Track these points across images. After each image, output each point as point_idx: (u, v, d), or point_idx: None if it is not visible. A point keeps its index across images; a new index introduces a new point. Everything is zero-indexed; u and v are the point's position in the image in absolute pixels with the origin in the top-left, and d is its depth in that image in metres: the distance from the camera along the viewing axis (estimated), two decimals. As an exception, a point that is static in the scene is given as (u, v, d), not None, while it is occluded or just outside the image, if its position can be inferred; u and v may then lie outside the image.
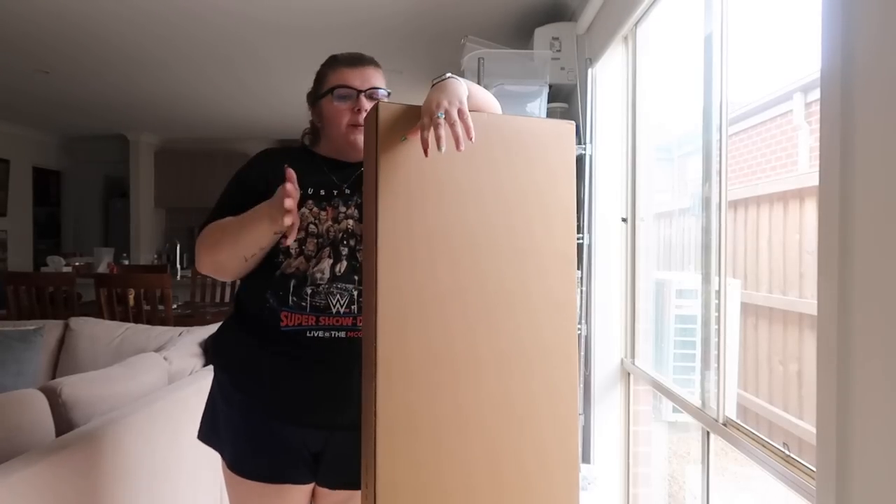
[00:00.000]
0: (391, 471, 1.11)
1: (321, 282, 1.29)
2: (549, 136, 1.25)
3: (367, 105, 1.34)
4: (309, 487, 1.36)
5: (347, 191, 1.34)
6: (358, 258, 1.31)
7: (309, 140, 1.47)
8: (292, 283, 1.29)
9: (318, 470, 1.33)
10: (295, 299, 1.28)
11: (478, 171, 1.19)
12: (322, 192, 1.33)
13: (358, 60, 1.39)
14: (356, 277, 1.30)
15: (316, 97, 1.41)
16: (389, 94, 1.39)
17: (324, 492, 1.37)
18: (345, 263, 1.30)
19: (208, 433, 1.40)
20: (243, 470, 1.32)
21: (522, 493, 1.20)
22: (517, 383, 1.20)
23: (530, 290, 1.22)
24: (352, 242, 1.32)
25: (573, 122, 1.29)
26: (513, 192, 1.21)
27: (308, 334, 1.28)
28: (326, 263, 1.30)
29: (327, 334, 1.28)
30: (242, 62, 4.22)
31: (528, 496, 1.20)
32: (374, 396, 1.12)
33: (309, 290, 1.28)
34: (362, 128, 1.29)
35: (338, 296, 1.29)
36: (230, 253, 1.27)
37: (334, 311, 1.28)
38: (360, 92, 1.35)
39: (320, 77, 1.41)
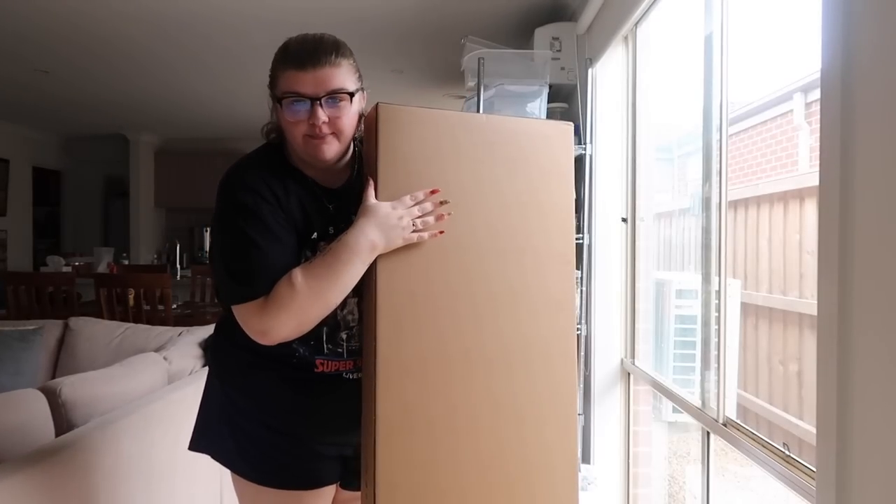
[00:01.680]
0: (390, 470, 1.11)
1: (353, 324, 1.25)
2: (546, 137, 1.25)
3: (323, 115, 1.12)
4: (335, 486, 1.34)
5: (342, 225, 1.18)
6: None
7: (275, 138, 1.25)
8: (324, 330, 1.22)
9: (345, 471, 1.32)
10: (331, 346, 1.24)
11: (477, 172, 1.19)
12: (331, 231, 1.21)
13: (309, 59, 1.11)
14: None
15: (272, 96, 1.19)
16: (362, 89, 1.21)
17: (340, 491, 1.36)
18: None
19: (223, 453, 1.29)
20: (282, 482, 1.25)
21: (522, 492, 1.20)
22: (516, 382, 1.20)
23: (529, 290, 1.22)
24: None
25: (571, 123, 1.29)
26: (511, 192, 1.21)
27: (345, 376, 1.25)
28: (352, 303, 1.25)
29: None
30: (242, 62, 4.22)
31: (527, 495, 1.20)
32: (373, 396, 1.12)
33: (344, 335, 1.25)
34: (322, 139, 1.15)
35: None
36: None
37: None
38: (314, 100, 1.12)
39: (272, 74, 1.18)
